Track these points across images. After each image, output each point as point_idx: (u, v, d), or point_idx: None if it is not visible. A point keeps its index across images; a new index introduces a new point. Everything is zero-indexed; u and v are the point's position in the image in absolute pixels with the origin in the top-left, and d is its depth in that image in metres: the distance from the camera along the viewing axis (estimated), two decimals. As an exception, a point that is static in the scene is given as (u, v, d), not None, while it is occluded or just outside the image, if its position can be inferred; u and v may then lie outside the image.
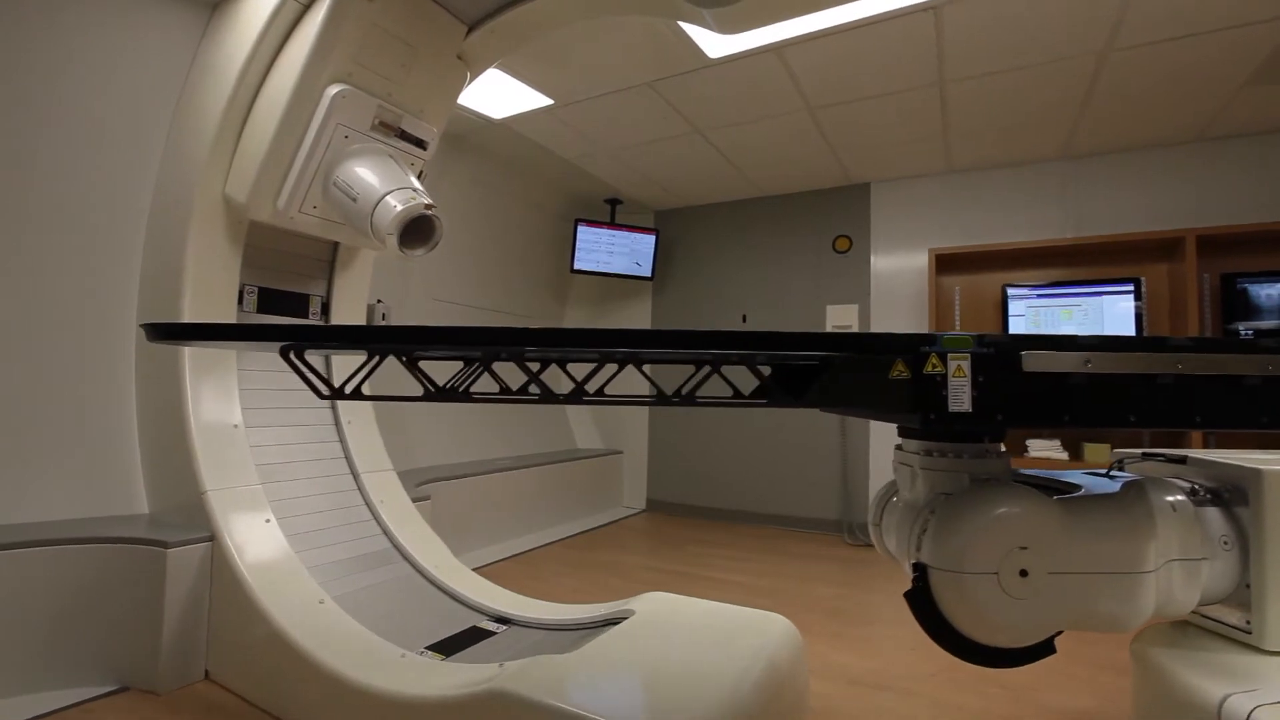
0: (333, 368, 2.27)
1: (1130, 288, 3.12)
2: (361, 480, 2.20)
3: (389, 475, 2.29)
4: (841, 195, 3.97)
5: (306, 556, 1.82)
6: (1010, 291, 3.34)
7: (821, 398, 0.92)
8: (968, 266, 3.54)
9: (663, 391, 0.86)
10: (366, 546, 2.05)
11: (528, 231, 4.23)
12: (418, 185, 1.86)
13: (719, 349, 0.80)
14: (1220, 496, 0.96)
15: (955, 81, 2.62)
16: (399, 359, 0.78)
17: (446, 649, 1.59)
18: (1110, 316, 3.14)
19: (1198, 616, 1.00)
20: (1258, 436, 2.69)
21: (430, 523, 2.29)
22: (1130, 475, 1.06)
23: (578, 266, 4.14)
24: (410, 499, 2.29)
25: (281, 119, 1.76)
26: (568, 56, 2.53)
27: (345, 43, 1.77)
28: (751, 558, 3.24)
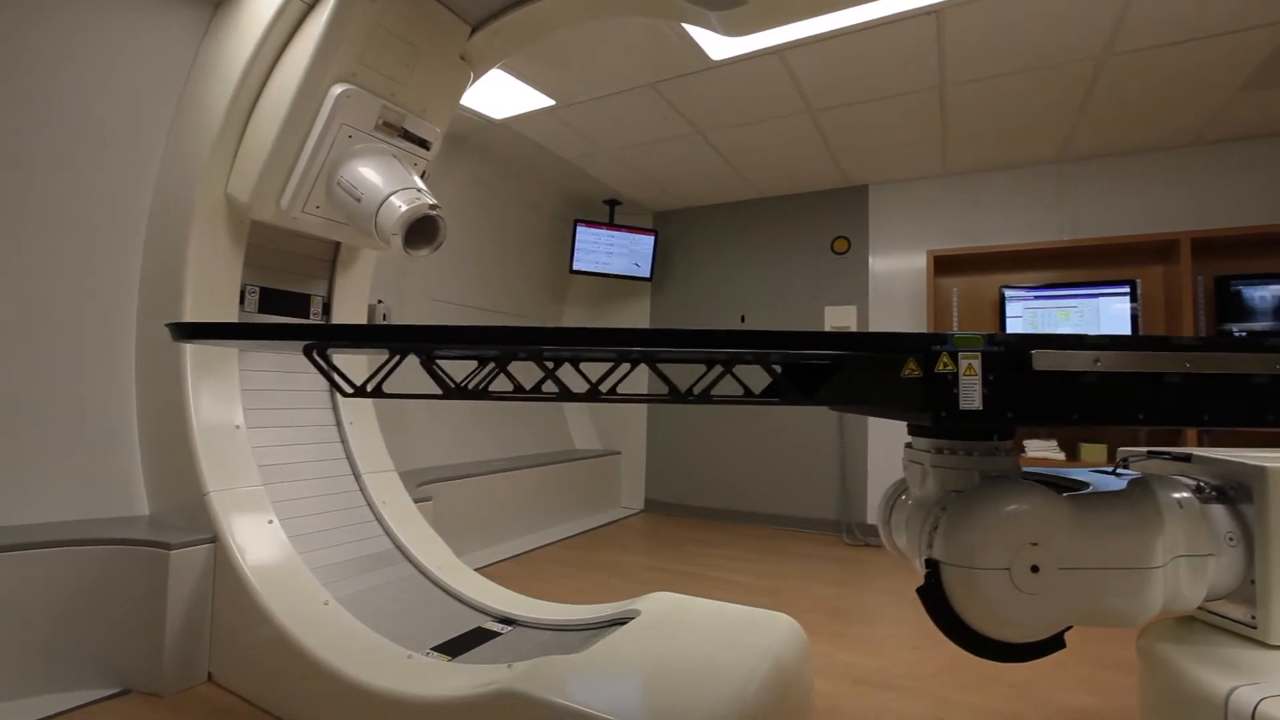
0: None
1: (1126, 289, 3.15)
2: (363, 481, 2.19)
3: (390, 476, 2.29)
4: (840, 197, 3.99)
5: (310, 558, 1.82)
6: (1008, 293, 3.36)
7: (834, 396, 0.93)
8: (966, 268, 3.56)
9: (678, 389, 0.86)
10: (369, 548, 2.04)
11: (526, 232, 4.23)
12: (422, 185, 1.86)
13: (734, 348, 0.81)
14: (1225, 494, 0.98)
15: (956, 84, 2.64)
16: (418, 358, 0.78)
17: (452, 650, 1.59)
18: (1106, 318, 3.17)
19: (1203, 612, 1.01)
20: (1254, 436, 2.72)
21: (431, 524, 2.29)
22: (1136, 473, 1.07)
23: (576, 267, 4.14)
24: (412, 500, 2.29)
25: (285, 118, 1.76)
26: (570, 57, 2.53)
27: (350, 42, 1.77)
28: (751, 558, 3.25)
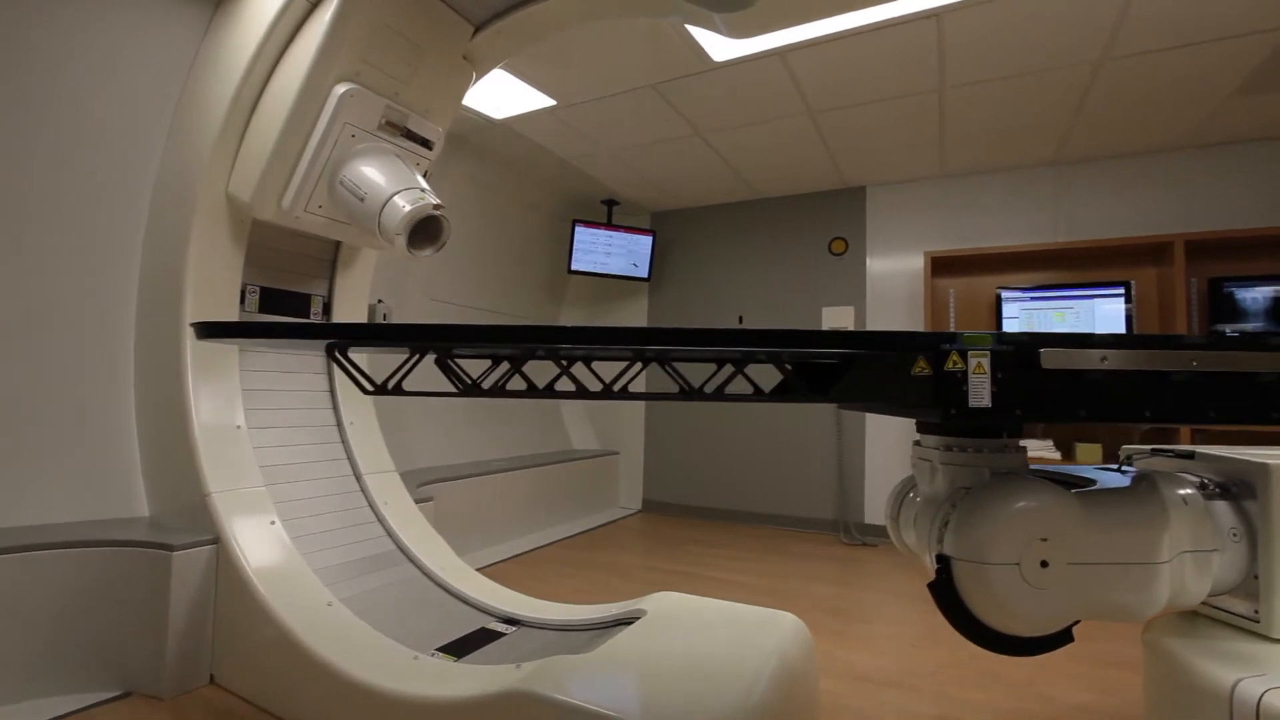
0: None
1: (1120, 291, 3.18)
2: (365, 482, 2.19)
3: (392, 477, 2.28)
4: (837, 198, 4.01)
5: (312, 559, 1.81)
6: (1004, 294, 3.39)
7: (845, 394, 0.94)
8: (962, 269, 3.58)
9: (691, 386, 0.87)
10: (372, 548, 2.04)
11: (525, 232, 4.23)
12: (425, 186, 1.86)
13: (746, 347, 0.82)
14: (1229, 490, 0.99)
15: (954, 87, 2.66)
16: (434, 357, 0.79)
17: (457, 650, 1.59)
18: (1101, 319, 3.20)
19: (1207, 607, 1.03)
20: (1250, 436, 2.75)
21: (432, 524, 2.28)
22: (1141, 470, 1.08)
23: (575, 267, 4.14)
24: (413, 500, 2.28)
25: (288, 117, 1.76)
26: (572, 57, 2.54)
27: (353, 42, 1.76)
28: (751, 557, 3.26)
